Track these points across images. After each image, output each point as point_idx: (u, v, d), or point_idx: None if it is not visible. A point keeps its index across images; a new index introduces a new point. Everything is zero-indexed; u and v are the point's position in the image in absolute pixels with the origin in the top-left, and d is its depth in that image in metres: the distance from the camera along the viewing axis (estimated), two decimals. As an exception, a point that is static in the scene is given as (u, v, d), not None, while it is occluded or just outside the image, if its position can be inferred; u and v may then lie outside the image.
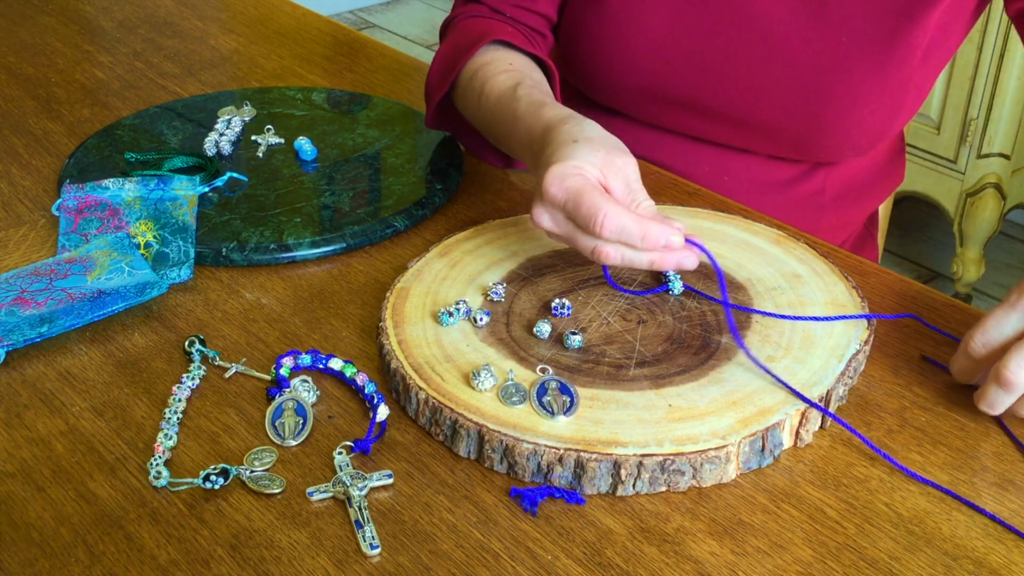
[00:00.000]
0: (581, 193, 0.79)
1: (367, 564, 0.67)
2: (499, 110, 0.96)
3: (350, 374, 0.81)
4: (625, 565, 0.68)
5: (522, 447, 0.72)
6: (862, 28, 1.01)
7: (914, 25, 1.00)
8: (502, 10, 1.10)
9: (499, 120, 0.96)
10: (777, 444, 0.75)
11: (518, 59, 1.02)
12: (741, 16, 1.04)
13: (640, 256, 0.80)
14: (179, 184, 1.01)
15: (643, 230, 0.78)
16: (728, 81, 1.06)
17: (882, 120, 1.05)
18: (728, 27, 1.05)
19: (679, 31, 1.06)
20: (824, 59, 1.02)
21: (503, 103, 0.95)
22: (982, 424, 0.79)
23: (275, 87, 1.27)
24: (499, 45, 1.03)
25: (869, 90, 1.02)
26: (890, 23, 1.01)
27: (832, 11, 1.01)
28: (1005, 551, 0.69)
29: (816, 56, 1.02)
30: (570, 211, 0.80)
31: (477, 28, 1.06)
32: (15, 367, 0.83)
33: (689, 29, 1.06)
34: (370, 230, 0.99)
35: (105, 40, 1.41)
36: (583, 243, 0.80)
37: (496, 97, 0.97)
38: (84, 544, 0.68)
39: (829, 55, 1.02)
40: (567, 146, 0.82)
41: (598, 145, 0.83)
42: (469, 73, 1.02)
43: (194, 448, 0.76)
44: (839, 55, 1.02)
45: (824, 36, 1.02)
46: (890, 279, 0.96)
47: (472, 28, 1.07)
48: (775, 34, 1.03)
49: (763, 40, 1.04)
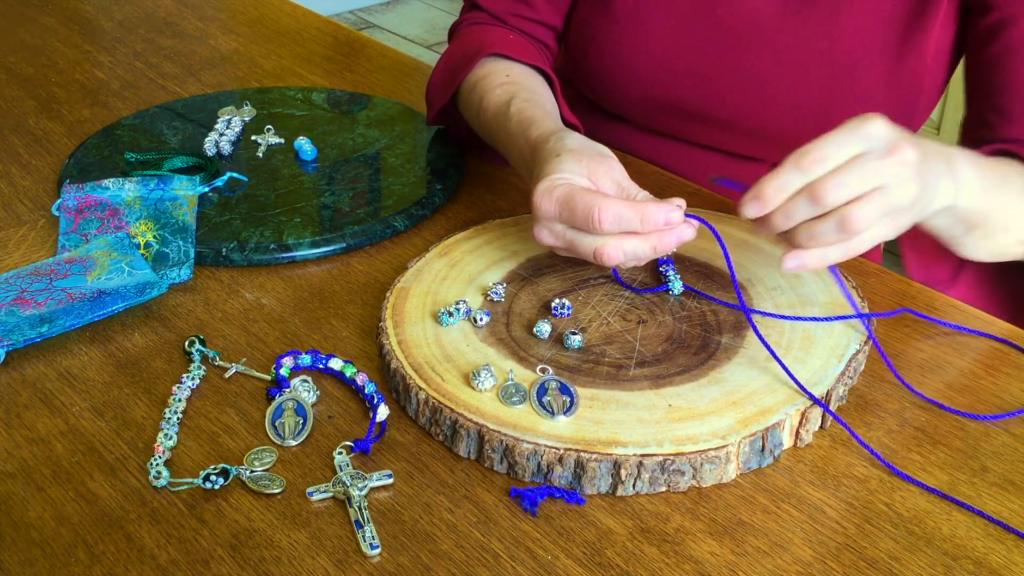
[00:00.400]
0: (572, 197, 0.79)
1: (367, 564, 0.67)
2: (495, 126, 0.97)
3: (350, 374, 0.81)
4: (625, 565, 0.68)
5: (522, 447, 0.72)
6: (871, 37, 1.01)
7: (922, 31, 1.00)
8: (504, 19, 1.11)
9: (497, 136, 0.98)
10: (777, 444, 0.75)
11: (515, 69, 1.03)
12: (749, 28, 1.04)
13: (642, 245, 0.79)
14: (179, 184, 1.01)
15: (640, 212, 0.78)
16: (737, 92, 1.06)
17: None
18: (736, 39, 1.05)
19: (687, 43, 1.06)
20: (834, 70, 1.02)
21: (498, 120, 0.97)
22: (982, 424, 0.79)
23: (275, 87, 1.27)
24: (497, 57, 1.04)
25: (880, 98, 1.02)
26: (898, 30, 1.00)
27: (841, 21, 1.01)
28: (1005, 551, 0.69)
29: (826, 67, 1.02)
30: (567, 219, 0.80)
31: (476, 37, 1.07)
32: (15, 367, 0.83)
33: (697, 41, 1.05)
34: (370, 230, 0.99)
35: (105, 40, 1.42)
36: (584, 247, 0.80)
37: (492, 113, 0.98)
38: (84, 544, 0.68)
39: (839, 65, 1.02)
40: (550, 161, 0.83)
41: (580, 154, 0.83)
42: (469, 86, 1.04)
43: (194, 448, 0.76)
44: (849, 65, 1.01)
45: (834, 47, 1.01)
46: (890, 279, 0.96)
47: (472, 36, 1.08)
48: (784, 45, 1.03)
49: (771, 52, 1.04)
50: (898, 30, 1.00)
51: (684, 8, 1.05)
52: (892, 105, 1.02)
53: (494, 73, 1.02)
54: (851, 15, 1.01)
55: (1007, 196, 0.86)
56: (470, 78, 1.03)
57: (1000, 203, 0.85)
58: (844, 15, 1.01)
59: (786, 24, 1.03)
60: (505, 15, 1.11)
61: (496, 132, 0.98)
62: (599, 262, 0.80)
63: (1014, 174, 0.88)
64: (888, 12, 1.00)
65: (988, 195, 0.84)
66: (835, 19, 1.01)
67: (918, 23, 1.00)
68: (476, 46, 1.05)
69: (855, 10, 1.01)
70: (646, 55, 1.07)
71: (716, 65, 1.06)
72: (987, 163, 0.86)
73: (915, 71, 1.01)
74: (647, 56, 1.07)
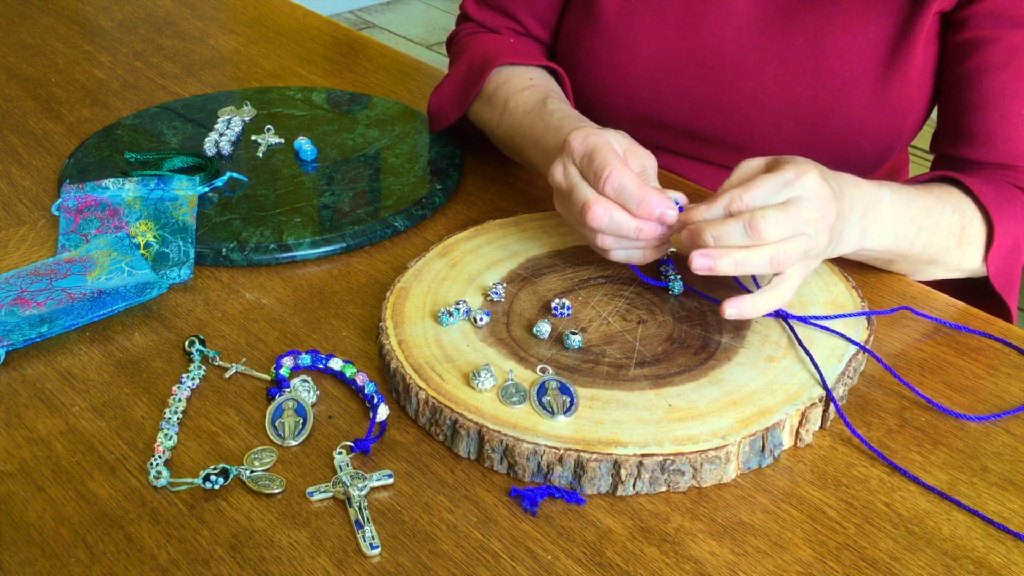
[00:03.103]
0: (598, 149, 0.81)
1: (367, 564, 0.67)
2: (527, 123, 0.98)
3: (350, 374, 0.81)
4: (625, 565, 0.68)
5: (522, 447, 0.72)
6: (856, 58, 1.00)
7: (906, 50, 0.99)
8: (498, 31, 1.12)
9: (524, 132, 0.99)
10: (777, 444, 0.75)
11: (534, 73, 1.05)
12: (733, 50, 1.04)
13: (628, 222, 0.80)
14: (179, 184, 1.01)
15: (642, 195, 0.79)
16: (724, 114, 1.06)
17: (883, 146, 1.04)
18: (720, 61, 1.04)
19: (672, 65, 1.06)
20: (820, 91, 1.01)
21: (532, 116, 0.98)
22: (982, 424, 0.79)
23: (275, 87, 1.27)
24: (509, 66, 1.05)
25: (867, 119, 1.01)
26: (883, 50, 0.99)
27: (826, 43, 1.00)
28: (1005, 551, 0.69)
29: (812, 88, 1.02)
30: (584, 166, 0.82)
31: (481, 48, 1.08)
32: (15, 367, 0.83)
33: (682, 63, 1.05)
34: (370, 230, 0.99)
35: (105, 40, 1.42)
36: (579, 195, 0.81)
37: (524, 111, 0.99)
38: (84, 544, 0.68)
39: (825, 87, 1.01)
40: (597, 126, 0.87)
41: (625, 137, 0.86)
42: (485, 96, 1.05)
43: (194, 448, 0.76)
44: (835, 86, 1.01)
45: (819, 69, 1.01)
46: (890, 279, 0.96)
47: (477, 48, 1.09)
48: (769, 67, 1.03)
49: (757, 73, 1.03)
50: (883, 50, 1.00)
51: (670, 30, 1.05)
52: (880, 123, 1.02)
53: (515, 77, 1.04)
54: (835, 37, 1.00)
55: (931, 236, 0.91)
56: (486, 87, 1.05)
57: (922, 243, 0.91)
58: (828, 37, 1.00)
59: (770, 46, 1.02)
60: (499, 29, 1.13)
61: (525, 129, 0.98)
62: (583, 218, 0.80)
63: (946, 213, 0.92)
64: (873, 32, 0.99)
65: (903, 239, 0.89)
66: (819, 41, 1.01)
67: (903, 42, 0.99)
68: (484, 56, 1.06)
69: (839, 32, 1.00)
70: (632, 75, 1.07)
71: (701, 87, 1.06)
72: (914, 205, 0.90)
73: (902, 89, 1.01)
74: (633, 76, 1.07)
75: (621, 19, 1.06)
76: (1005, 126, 0.96)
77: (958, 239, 0.93)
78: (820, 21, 1.00)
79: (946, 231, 0.92)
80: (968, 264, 0.95)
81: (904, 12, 0.98)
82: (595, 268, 0.91)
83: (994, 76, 0.95)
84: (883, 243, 0.88)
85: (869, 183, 0.87)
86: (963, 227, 0.93)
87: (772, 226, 0.75)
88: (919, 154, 2.44)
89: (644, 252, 0.82)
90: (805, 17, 1.01)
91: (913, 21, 0.98)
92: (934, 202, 0.91)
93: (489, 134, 1.07)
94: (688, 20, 1.04)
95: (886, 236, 0.88)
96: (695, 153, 1.11)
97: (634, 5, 1.06)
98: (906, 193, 0.90)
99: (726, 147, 1.08)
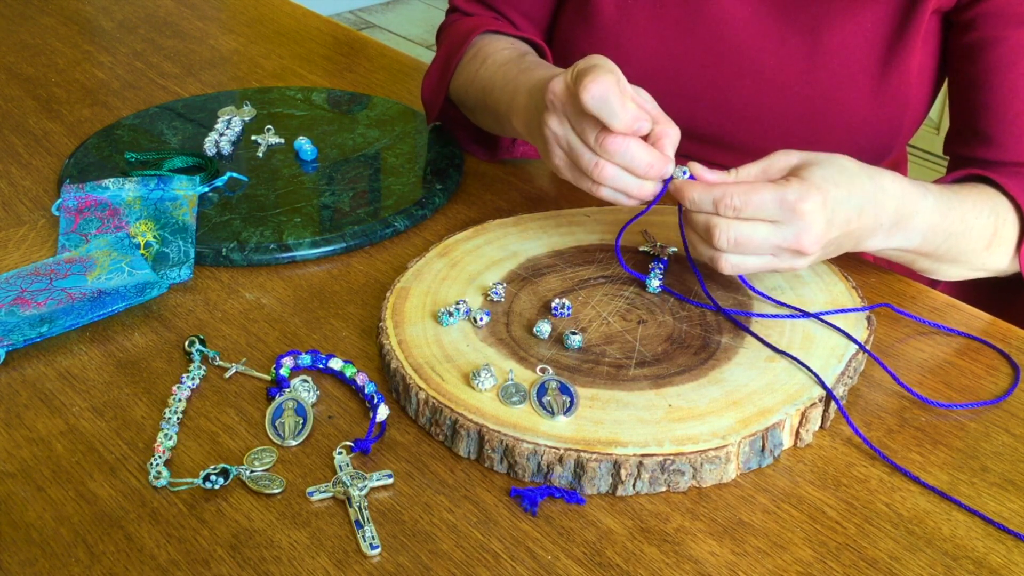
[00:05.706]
0: (617, 88, 0.81)
1: (367, 564, 0.67)
2: (500, 75, 0.98)
3: (350, 374, 0.81)
4: (625, 565, 0.68)
5: (522, 447, 0.72)
6: (853, 56, 1.00)
7: (904, 48, 0.99)
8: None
9: (497, 80, 0.98)
10: (777, 444, 0.75)
11: (515, 41, 1.06)
12: (731, 48, 1.04)
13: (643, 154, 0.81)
14: (179, 184, 1.01)
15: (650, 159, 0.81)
16: (721, 112, 1.06)
17: (880, 144, 1.04)
18: (718, 59, 1.04)
19: (669, 64, 1.06)
20: (817, 90, 1.01)
21: (508, 66, 0.98)
22: (982, 424, 0.79)
23: (275, 87, 1.27)
24: (491, 33, 1.06)
25: (865, 117, 1.01)
26: (880, 48, 0.99)
27: (822, 41, 1.00)
28: (1005, 551, 0.69)
29: (809, 87, 1.02)
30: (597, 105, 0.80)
31: (465, 26, 1.09)
32: (15, 367, 0.83)
33: (679, 62, 1.05)
34: (370, 230, 0.99)
35: (105, 40, 1.42)
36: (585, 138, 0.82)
37: (500, 63, 1.00)
38: (84, 544, 0.68)
39: (822, 85, 1.01)
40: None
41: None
42: (467, 58, 1.06)
43: (194, 448, 0.76)
44: (832, 85, 1.01)
45: (816, 67, 1.01)
46: (890, 279, 0.96)
47: (461, 26, 1.10)
48: (766, 66, 1.03)
49: (754, 72, 1.03)
50: (880, 48, 1.00)
51: (666, 29, 1.05)
52: (878, 122, 1.02)
53: (497, 40, 1.05)
54: (832, 35, 1.00)
55: (959, 240, 0.91)
56: (467, 53, 1.06)
57: (947, 247, 0.90)
58: (825, 35, 1.00)
59: (766, 45, 1.02)
60: (491, 24, 1.13)
61: (498, 81, 0.98)
62: (599, 147, 0.81)
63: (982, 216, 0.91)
64: (869, 31, 0.99)
65: (928, 243, 0.89)
66: (816, 39, 1.01)
67: (900, 40, 0.99)
68: (467, 29, 1.07)
69: (836, 30, 1.00)
70: (629, 75, 1.07)
71: (698, 86, 1.06)
72: (952, 213, 0.89)
73: (899, 88, 1.01)
74: (630, 76, 1.07)
75: (617, 19, 1.06)
76: (1019, 124, 0.96)
77: (988, 242, 0.92)
78: (816, 20, 1.00)
79: (977, 235, 0.91)
80: (994, 264, 0.95)
81: (900, 10, 0.98)
82: (595, 268, 0.91)
83: (1004, 75, 0.95)
84: (908, 245, 0.88)
85: (915, 191, 0.86)
86: (996, 230, 0.92)
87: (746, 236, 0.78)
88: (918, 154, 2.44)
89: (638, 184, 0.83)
90: (801, 15, 1.01)
91: (910, 19, 0.98)
92: (970, 207, 0.90)
93: (467, 99, 1.06)
94: (684, 20, 1.04)
95: (912, 241, 0.88)
96: (693, 152, 1.11)
97: (630, 5, 1.05)
98: (947, 199, 0.89)
99: (723, 146, 1.08)
